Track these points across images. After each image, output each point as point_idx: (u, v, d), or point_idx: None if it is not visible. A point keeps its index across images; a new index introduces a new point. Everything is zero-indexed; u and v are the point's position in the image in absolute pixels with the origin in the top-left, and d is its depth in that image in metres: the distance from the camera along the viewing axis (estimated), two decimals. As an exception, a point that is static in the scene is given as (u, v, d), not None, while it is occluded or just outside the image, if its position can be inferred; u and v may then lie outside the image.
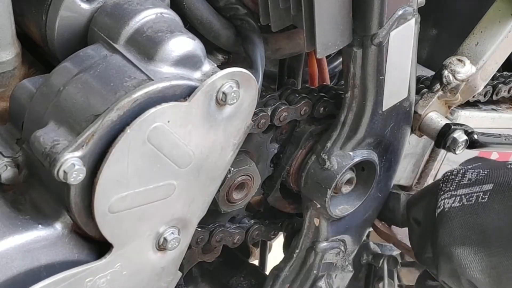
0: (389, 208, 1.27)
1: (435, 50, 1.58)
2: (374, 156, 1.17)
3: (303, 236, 1.23)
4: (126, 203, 0.89)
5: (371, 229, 1.33)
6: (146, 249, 0.96)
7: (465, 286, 1.08)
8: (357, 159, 1.15)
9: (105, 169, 0.85)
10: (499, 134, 1.24)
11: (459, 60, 1.20)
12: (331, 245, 1.23)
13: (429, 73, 1.31)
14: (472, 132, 1.17)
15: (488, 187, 1.07)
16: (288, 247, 1.28)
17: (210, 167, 0.96)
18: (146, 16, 0.92)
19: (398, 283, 1.60)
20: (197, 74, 0.91)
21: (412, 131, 1.22)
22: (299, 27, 1.01)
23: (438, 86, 1.20)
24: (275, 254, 1.53)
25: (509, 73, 1.39)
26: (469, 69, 1.19)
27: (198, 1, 1.05)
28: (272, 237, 1.32)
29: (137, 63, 0.89)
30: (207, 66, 0.92)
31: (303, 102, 1.12)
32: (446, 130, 1.17)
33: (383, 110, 1.12)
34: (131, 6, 0.93)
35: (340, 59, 1.38)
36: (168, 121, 0.87)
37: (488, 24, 1.22)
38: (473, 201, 1.07)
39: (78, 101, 0.86)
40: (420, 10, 1.08)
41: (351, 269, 1.31)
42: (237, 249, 1.34)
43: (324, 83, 1.25)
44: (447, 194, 1.11)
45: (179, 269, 1.04)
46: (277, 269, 1.27)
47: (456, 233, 1.07)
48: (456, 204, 1.08)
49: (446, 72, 1.19)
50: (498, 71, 1.31)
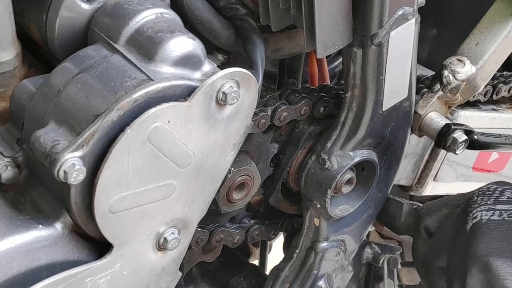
0: (390, 214, 1.27)
1: (435, 50, 1.58)
2: (374, 156, 1.17)
3: (303, 236, 1.23)
4: (126, 203, 0.89)
5: (371, 229, 1.33)
6: (146, 249, 0.96)
7: None
8: (357, 159, 1.15)
9: (105, 169, 0.85)
10: (499, 134, 1.24)
11: (459, 60, 1.20)
12: (331, 245, 1.23)
13: (429, 73, 1.31)
14: (472, 132, 1.18)
15: None
16: (288, 247, 1.28)
17: (210, 167, 0.96)
18: (146, 16, 0.92)
19: (398, 283, 1.60)
20: (197, 74, 0.91)
21: (412, 131, 1.22)
22: (299, 27, 1.01)
23: (438, 86, 1.20)
24: (275, 254, 1.53)
25: (509, 73, 1.39)
26: (469, 69, 1.19)
27: (198, 1, 1.05)
28: (272, 237, 1.32)
29: (137, 63, 0.89)
30: (207, 66, 0.92)
31: (303, 102, 1.12)
32: (446, 130, 1.17)
33: (383, 110, 1.12)
34: (131, 6, 0.93)
35: (340, 59, 1.38)
36: (168, 121, 0.87)
37: (488, 24, 1.22)
38: None
39: (78, 101, 0.86)
40: (420, 10, 1.08)
41: (351, 269, 1.31)
42: (237, 249, 1.33)
43: (324, 83, 1.25)
44: (484, 207, 1.13)
45: (179, 269, 1.04)
46: (277, 269, 1.27)
47: (496, 245, 1.09)
48: (496, 218, 1.11)
49: (446, 72, 1.19)
50: (498, 71, 1.31)
